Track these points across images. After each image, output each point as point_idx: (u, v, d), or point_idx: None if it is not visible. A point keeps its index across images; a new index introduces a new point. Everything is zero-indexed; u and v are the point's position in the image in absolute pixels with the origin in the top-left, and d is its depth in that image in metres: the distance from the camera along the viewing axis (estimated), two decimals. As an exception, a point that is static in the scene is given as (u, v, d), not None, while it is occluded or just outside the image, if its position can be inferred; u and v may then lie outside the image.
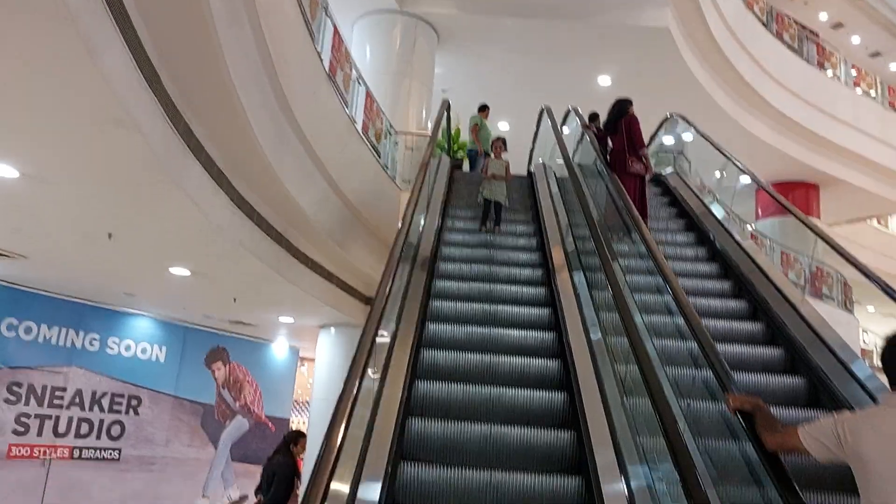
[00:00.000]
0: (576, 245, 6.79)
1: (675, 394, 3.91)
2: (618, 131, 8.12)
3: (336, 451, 2.59)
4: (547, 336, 5.62)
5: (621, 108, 8.25)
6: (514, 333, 5.62)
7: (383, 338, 4.12)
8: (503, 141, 8.98)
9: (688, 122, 9.95)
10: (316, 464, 2.55)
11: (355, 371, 3.21)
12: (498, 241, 7.87)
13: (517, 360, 5.18)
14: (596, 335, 5.11)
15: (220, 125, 6.41)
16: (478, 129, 12.03)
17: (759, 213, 14.67)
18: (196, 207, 6.61)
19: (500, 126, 16.09)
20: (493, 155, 8.87)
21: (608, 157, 8.02)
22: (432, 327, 5.65)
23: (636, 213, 5.98)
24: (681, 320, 4.20)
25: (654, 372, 3.47)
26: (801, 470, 3.38)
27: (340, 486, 2.96)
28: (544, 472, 4.06)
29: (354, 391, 3.04)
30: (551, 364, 5.15)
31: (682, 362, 4.40)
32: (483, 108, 12.28)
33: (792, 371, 5.19)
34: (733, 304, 6.21)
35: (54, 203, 6.85)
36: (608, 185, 7.10)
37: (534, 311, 6.08)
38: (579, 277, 6.12)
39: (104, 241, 7.81)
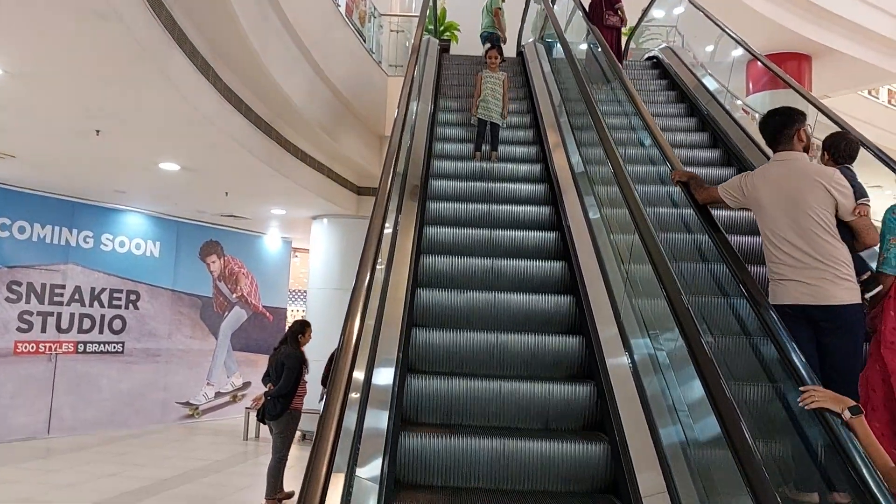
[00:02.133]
0: (569, 121, 6.76)
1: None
2: None
3: (355, 340, 2.66)
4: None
5: None
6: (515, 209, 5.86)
7: (387, 229, 4.17)
8: (499, 49, 7.95)
9: (680, -9, 9.67)
10: (338, 350, 2.63)
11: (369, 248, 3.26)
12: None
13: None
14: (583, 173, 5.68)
15: (202, 11, 6.18)
16: (500, 13, 11.55)
17: (750, 87, 14.47)
18: (182, 99, 6.48)
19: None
20: (487, 67, 7.67)
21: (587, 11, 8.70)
22: (433, 214, 5.71)
23: (613, 56, 6.46)
24: (654, 151, 4.90)
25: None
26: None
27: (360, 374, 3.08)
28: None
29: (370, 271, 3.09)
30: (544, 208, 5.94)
31: (651, 181, 5.37)
32: None
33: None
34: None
35: (39, 99, 6.67)
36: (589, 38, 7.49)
37: (530, 188, 6.26)
38: (576, 158, 6.13)
39: (92, 137, 7.69)
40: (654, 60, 9.76)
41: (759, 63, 8.58)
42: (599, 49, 6.79)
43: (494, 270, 5.05)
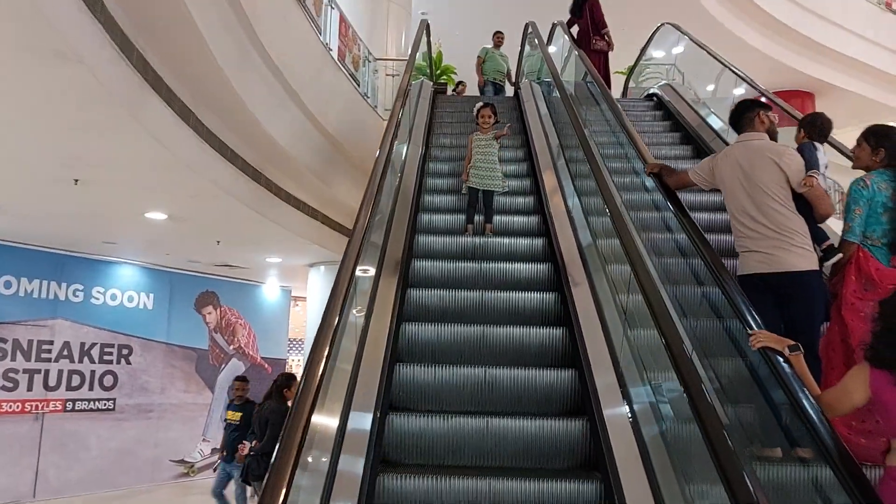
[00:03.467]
0: (566, 162, 6.46)
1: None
2: (582, 14, 9.77)
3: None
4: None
5: None
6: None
7: (367, 274, 3.81)
8: (492, 108, 6.73)
9: (681, 30, 9.52)
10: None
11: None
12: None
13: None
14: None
15: (179, 53, 5.93)
16: (481, 61, 11.67)
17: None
18: (160, 146, 6.20)
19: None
20: (479, 127, 6.69)
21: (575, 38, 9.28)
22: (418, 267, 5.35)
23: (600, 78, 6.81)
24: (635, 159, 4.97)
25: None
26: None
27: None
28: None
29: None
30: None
31: (634, 189, 5.29)
32: (495, 34, 11.84)
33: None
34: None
35: (11, 147, 6.41)
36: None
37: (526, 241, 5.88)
38: (573, 201, 5.81)
39: (72, 187, 7.42)
40: (654, 98, 9.52)
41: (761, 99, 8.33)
42: (599, 90, 6.62)
43: (488, 383, 4.11)
